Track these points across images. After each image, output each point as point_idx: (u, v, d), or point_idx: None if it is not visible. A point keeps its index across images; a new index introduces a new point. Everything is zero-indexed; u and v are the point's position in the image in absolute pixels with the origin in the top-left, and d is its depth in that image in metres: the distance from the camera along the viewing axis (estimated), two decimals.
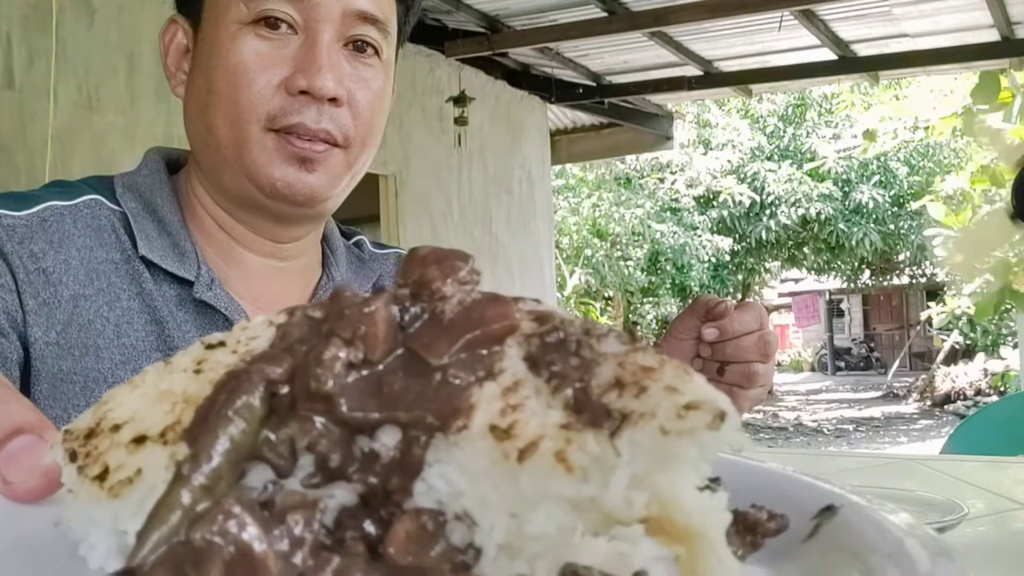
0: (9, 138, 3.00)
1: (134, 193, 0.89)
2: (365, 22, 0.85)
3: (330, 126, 0.83)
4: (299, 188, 0.84)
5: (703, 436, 0.26)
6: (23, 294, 0.78)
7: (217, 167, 0.86)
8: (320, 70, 0.82)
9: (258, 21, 0.82)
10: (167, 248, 0.85)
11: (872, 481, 1.18)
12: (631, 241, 13.49)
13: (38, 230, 0.81)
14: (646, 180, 14.48)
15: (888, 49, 5.88)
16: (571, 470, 0.26)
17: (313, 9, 0.82)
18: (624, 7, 4.96)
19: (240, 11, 0.82)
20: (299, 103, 0.82)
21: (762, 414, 14.42)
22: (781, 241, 15.56)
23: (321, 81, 0.81)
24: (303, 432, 0.28)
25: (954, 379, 14.91)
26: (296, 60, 0.82)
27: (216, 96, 0.83)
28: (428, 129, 5.44)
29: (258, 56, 0.82)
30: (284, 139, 0.83)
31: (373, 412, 0.28)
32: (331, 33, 0.83)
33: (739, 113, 15.56)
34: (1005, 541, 0.92)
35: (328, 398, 0.28)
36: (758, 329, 0.92)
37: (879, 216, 15.02)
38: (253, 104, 0.82)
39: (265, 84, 0.82)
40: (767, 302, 23.31)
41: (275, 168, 0.83)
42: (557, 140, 7.34)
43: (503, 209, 6.31)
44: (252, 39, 0.82)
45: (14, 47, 3.00)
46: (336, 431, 0.28)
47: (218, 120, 0.83)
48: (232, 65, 0.82)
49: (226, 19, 0.83)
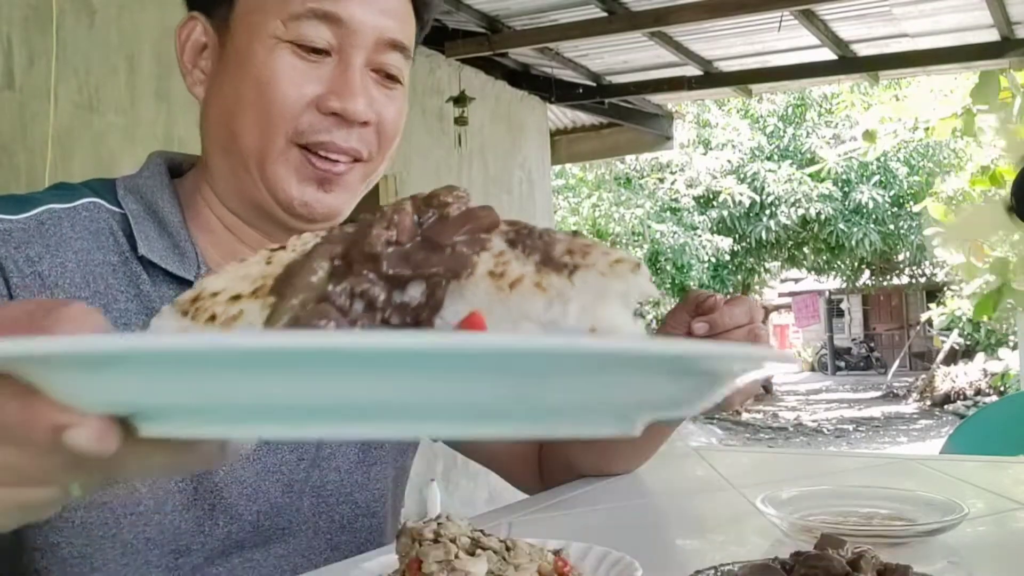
0: (9, 138, 3.00)
1: (135, 195, 0.89)
2: (393, 49, 0.88)
3: (359, 145, 0.87)
4: (317, 208, 0.86)
5: (628, 278, 0.39)
6: (16, 299, 0.78)
7: (236, 174, 0.87)
8: (354, 94, 0.84)
9: (294, 40, 0.84)
10: (167, 249, 0.86)
11: (872, 481, 1.18)
12: (631, 241, 13.50)
13: (35, 234, 0.82)
14: (646, 180, 14.48)
15: (888, 49, 5.88)
16: (546, 292, 0.39)
17: (350, 35, 0.84)
18: (624, 7, 4.96)
19: (277, 28, 0.84)
20: (328, 123, 0.84)
21: (762, 414, 14.42)
22: (781, 241, 15.57)
23: (354, 105, 0.84)
24: (357, 282, 0.41)
25: (954, 379, 14.91)
26: (330, 82, 0.84)
27: (244, 105, 0.84)
28: (428, 129, 5.44)
29: (293, 72, 0.84)
30: (307, 156, 0.85)
31: (406, 270, 0.41)
32: (363, 58, 0.86)
33: (739, 113, 15.56)
34: (1005, 541, 0.92)
35: (376, 258, 0.41)
36: (748, 323, 0.91)
37: (879, 216, 15.03)
38: (284, 117, 0.84)
39: (297, 99, 0.84)
40: (767, 302, 23.30)
41: (294, 187, 0.85)
42: (557, 140, 7.34)
43: (503, 209, 6.21)
44: (288, 55, 0.84)
45: (14, 48, 3.00)
46: (379, 283, 0.41)
47: (244, 129, 0.85)
48: (266, 77, 0.83)
49: (262, 32, 0.84)
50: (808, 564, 0.63)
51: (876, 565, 0.64)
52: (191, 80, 0.91)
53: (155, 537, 0.81)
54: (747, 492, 1.06)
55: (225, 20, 0.87)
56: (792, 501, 0.93)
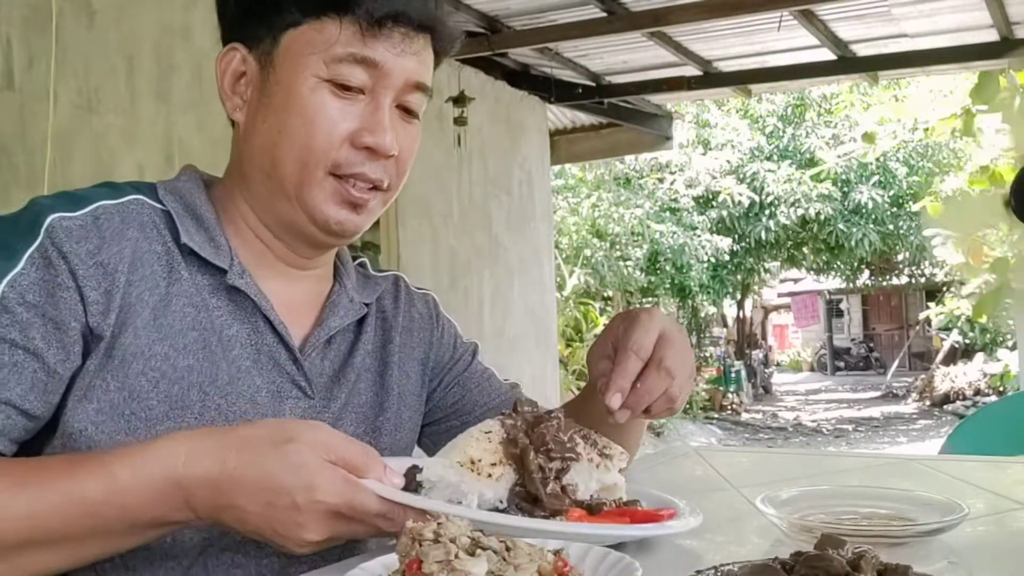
0: (9, 139, 3.00)
1: (175, 195, 0.99)
2: (417, 90, 1.00)
3: (383, 176, 0.99)
4: (348, 227, 0.99)
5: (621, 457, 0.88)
6: (84, 288, 0.88)
7: (274, 197, 0.99)
8: (385, 132, 0.96)
9: (333, 79, 0.95)
10: (204, 241, 0.97)
11: (871, 481, 1.18)
12: (630, 241, 13.48)
13: (92, 228, 0.91)
14: (645, 180, 14.47)
15: (887, 49, 5.88)
16: (599, 467, 0.87)
17: (383, 78, 0.96)
18: (623, 7, 4.96)
19: (320, 68, 0.94)
20: (361, 156, 0.96)
21: (761, 414, 14.43)
22: (780, 241, 15.57)
23: (384, 140, 0.96)
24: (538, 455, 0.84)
25: (953, 379, 14.93)
26: (362, 119, 0.96)
27: (288, 138, 0.95)
28: (428, 129, 5.41)
29: (332, 111, 0.95)
30: (342, 185, 0.97)
31: (557, 452, 0.84)
32: (391, 97, 0.97)
33: (738, 113, 15.57)
34: (1005, 541, 0.92)
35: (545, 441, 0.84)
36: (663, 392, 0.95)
37: (878, 216, 15.03)
38: (325, 152, 0.95)
39: (335, 136, 0.95)
40: (766, 302, 23.31)
41: (330, 209, 0.97)
42: (556, 140, 7.34)
43: (503, 209, 6.31)
44: (327, 95, 0.95)
45: (14, 48, 3.00)
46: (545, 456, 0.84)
47: (287, 159, 0.96)
48: (309, 115, 0.94)
49: (305, 71, 0.95)
50: (808, 564, 0.63)
51: (876, 565, 0.64)
52: (231, 105, 1.00)
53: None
54: (747, 492, 1.06)
55: (268, 55, 0.97)
56: (792, 501, 0.93)
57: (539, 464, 0.83)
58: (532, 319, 6.55)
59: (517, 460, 0.84)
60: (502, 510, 0.82)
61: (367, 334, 1.09)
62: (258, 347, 0.97)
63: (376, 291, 1.13)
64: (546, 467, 0.83)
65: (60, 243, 0.88)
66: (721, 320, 19.03)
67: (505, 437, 0.85)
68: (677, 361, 0.95)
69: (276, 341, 0.98)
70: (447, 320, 1.23)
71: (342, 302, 1.06)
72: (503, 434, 0.85)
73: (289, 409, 0.97)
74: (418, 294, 1.21)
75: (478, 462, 0.83)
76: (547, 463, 0.83)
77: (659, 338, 0.95)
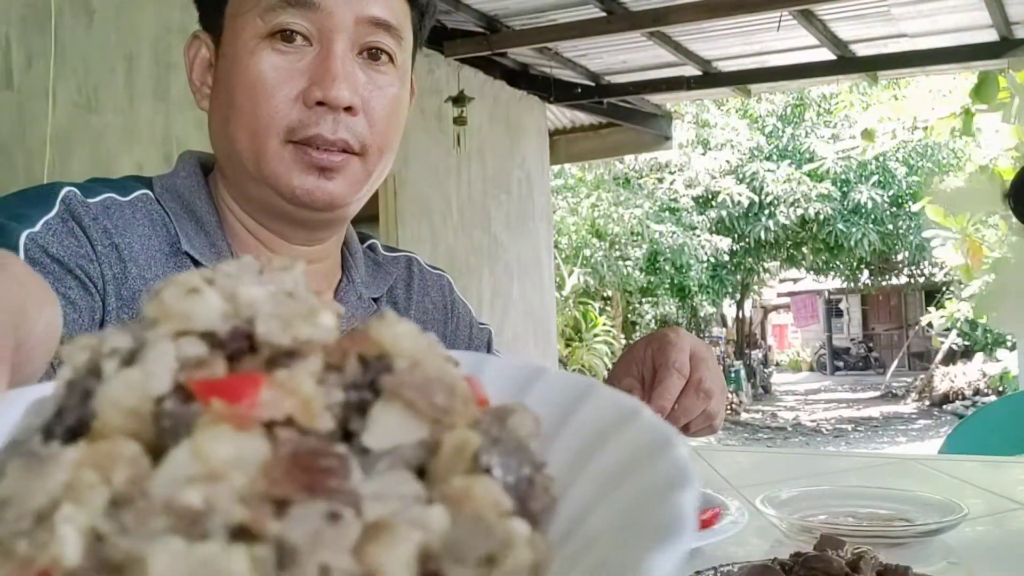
0: (8, 139, 2.99)
1: (172, 194, 0.93)
2: (378, 28, 0.87)
3: (346, 135, 0.86)
4: (319, 195, 0.88)
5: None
6: (102, 263, 0.83)
7: (240, 177, 0.90)
8: (335, 80, 0.84)
9: (274, 35, 0.85)
10: (205, 247, 0.90)
11: (871, 481, 1.18)
12: (630, 241, 13.49)
13: (103, 216, 0.86)
14: (645, 180, 14.47)
15: (887, 49, 5.88)
16: None
17: (326, 19, 0.85)
18: (623, 7, 4.96)
19: (257, 26, 0.85)
20: (316, 114, 0.85)
21: (761, 414, 14.43)
22: (780, 241, 15.57)
23: (336, 91, 0.84)
24: None
25: (953, 379, 14.92)
26: (312, 72, 0.85)
27: (236, 111, 0.87)
28: (427, 129, 5.44)
29: (276, 70, 0.85)
30: (302, 150, 0.86)
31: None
32: (345, 43, 0.86)
33: (738, 113, 15.56)
34: (1005, 541, 0.92)
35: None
36: (702, 409, 0.93)
37: (878, 216, 15.03)
38: (272, 118, 0.85)
39: (283, 98, 0.85)
40: (766, 302, 23.33)
41: (294, 177, 0.87)
42: (556, 140, 7.34)
43: (502, 209, 6.31)
44: (269, 54, 0.85)
45: (13, 48, 2.99)
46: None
47: (239, 133, 0.87)
48: (251, 80, 0.85)
49: (244, 35, 0.86)
50: (807, 565, 0.63)
51: (875, 566, 0.64)
52: (199, 96, 0.93)
53: None
54: (746, 492, 1.06)
55: (218, 33, 0.90)
56: (791, 501, 0.92)
57: None
58: (531, 319, 6.55)
59: None
60: None
61: None
62: None
63: (388, 280, 1.06)
64: None
65: (79, 216, 0.83)
66: (720, 320, 19.03)
67: None
68: (713, 380, 0.93)
69: None
70: (463, 306, 1.15)
71: (349, 299, 0.99)
72: None
73: None
74: (432, 277, 1.13)
75: None
76: None
77: (691, 357, 0.93)
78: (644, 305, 14.95)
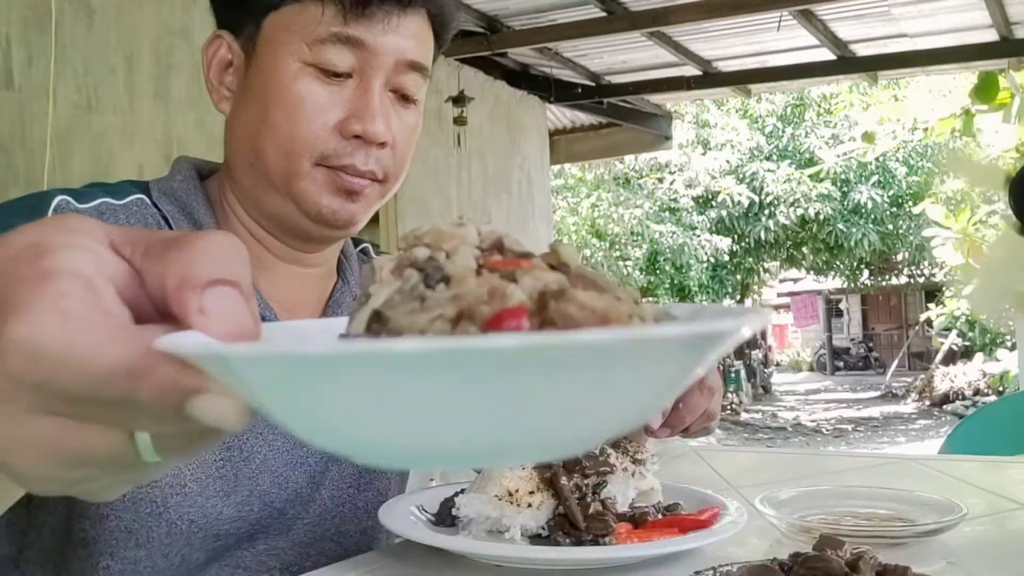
0: (8, 138, 2.99)
1: (170, 197, 0.94)
2: (412, 70, 0.91)
3: (375, 167, 0.91)
4: (342, 215, 0.91)
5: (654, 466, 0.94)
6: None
7: (261, 189, 0.92)
8: (374, 118, 0.88)
9: (317, 63, 0.87)
10: None
11: (871, 481, 1.18)
12: (630, 241, 13.49)
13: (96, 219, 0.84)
14: (645, 180, 14.47)
15: (887, 49, 5.88)
16: (633, 477, 0.91)
17: (371, 58, 0.88)
18: (623, 7, 4.96)
19: (302, 51, 0.87)
20: (352, 146, 0.89)
21: (761, 414, 14.42)
22: (780, 241, 15.57)
23: (374, 127, 0.88)
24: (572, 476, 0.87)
25: (953, 379, 14.91)
26: (351, 105, 0.88)
27: (270, 128, 0.88)
28: (427, 129, 5.41)
29: (317, 98, 0.87)
30: (334, 174, 0.89)
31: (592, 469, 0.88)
32: (382, 80, 0.89)
33: (738, 113, 15.56)
34: (1004, 541, 0.92)
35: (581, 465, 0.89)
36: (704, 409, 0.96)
37: (878, 216, 15.03)
38: (309, 142, 0.88)
39: (322, 125, 0.87)
40: (766, 302, 23.32)
41: (323, 198, 0.90)
42: (556, 140, 7.34)
43: (502, 209, 6.31)
44: (312, 81, 0.87)
45: (13, 48, 2.99)
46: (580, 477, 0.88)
47: (270, 150, 0.89)
48: (292, 102, 0.87)
49: (286, 55, 0.88)
50: (807, 565, 0.63)
51: (875, 566, 0.64)
52: (217, 96, 0.94)
53: (198, 520, 0.86)
54: (746, 492, 1.06)
55: (251, 40, 0.91)
56: (791, 501, 0.92)
57: (575, 484, 0.82)
58: None
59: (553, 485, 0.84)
60: (545, 537, 0.82)
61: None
62: None
63: None
64: (582, 485, 0.83)
65: None
66: None
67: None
68: (714, 378, 0.95)
69: None
70: None
71: (345, 301, 1.01)
72: None
73: None
74: None
75: (515, 492, 0.82)
76: (582, 480, 0.83)
77: None
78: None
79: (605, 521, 0.80)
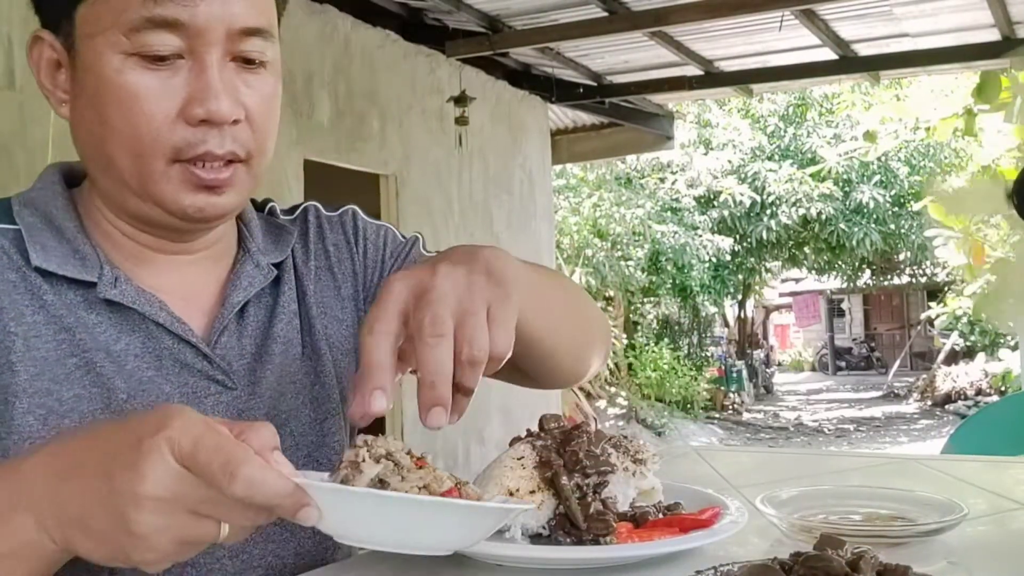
0: (9, 139, 3.00)
1: (30, 208, 0.88)
2: (250, 36, 0.82)
3: (234, 147, 0.82)
4: (211, 211, 0.84)
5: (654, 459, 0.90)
6: None
7: (120, 193, 0.86)
8: (216, 96, 0.80)
9: (139, 52, 0.79)
10: (66, 255, 0.85)
11: (872, 481, 1.18)
12: (632, 241, 13.47)
13: None
14: (647, 180, 14.46)
15: (889, 49, 5.88)
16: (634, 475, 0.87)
17: (197, 36, 0.79)
18: (624, 7, 4.96)
19: (121, 42, 0.79)
20: (201, 132, 0.81)
21: (763, 414, 14.42)
22: (782, 241, 15.56)
23: (218, 106, 0.80)
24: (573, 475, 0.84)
25: (955, 379, 14.91)
26: (189, 88, 0.80)
27: (111, 131, 0.81)
28: (428, 129, 5.44)
29: (149, 89, 0.80)
30: (189, 170, 0.82)
31: (592, 466, 0.84)
32: (218, 53, 0.81)
33: (740, 113, 15.55)
34: (1005, 541, 0.92)
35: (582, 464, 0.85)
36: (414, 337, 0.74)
37: (880, 216, 15.02)
38: (155, 139, 0.80)
39: (163, 118, 0.80)
40: (768, 301, 23.32)
41: (184, 197, 0.82)
42: (558, 140, 7.35)
43: (504, 209, 6.31)
44: (139, 71, 0.80)
45: (14, 48, 3.00)
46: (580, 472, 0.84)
47: (118, 154, 0.82)
48: (124, 99, 0.80)
49: (105, 48, 0.80)
50: (807, 564, 0.63)
51: (876, 565, 0.64)
52: (55, 100, 0.87)
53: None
54: (747, 492, 1.06)
55: (69, 37, 0.83)
56: (792, 501, 0.92)
57: (576, 483, 0.82)
58: None
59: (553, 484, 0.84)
60: (545, 537, 0.82)
61: (285, 295, 0.95)
62: (157, 353, 0.86)
63: (289, 241, 0.98)
64: (583, 484, 0.82)
65: None
66: (722, 320, 19.02)
67: (538, 460, 0.84)
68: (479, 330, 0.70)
69: (176, 341, 0.86)
70: (372, 228, 1.05)
71: (245, 270, 0.93)
72: (535, 458, 0.84)
73: (211, 407, 0.86)
74: (334, 218, 1.04)
75: (516, 492, 0.82)
76: (583, 480, 0.82)
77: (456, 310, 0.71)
78: (646, 305, 14.95)
79: (606, 521, 0.80)
